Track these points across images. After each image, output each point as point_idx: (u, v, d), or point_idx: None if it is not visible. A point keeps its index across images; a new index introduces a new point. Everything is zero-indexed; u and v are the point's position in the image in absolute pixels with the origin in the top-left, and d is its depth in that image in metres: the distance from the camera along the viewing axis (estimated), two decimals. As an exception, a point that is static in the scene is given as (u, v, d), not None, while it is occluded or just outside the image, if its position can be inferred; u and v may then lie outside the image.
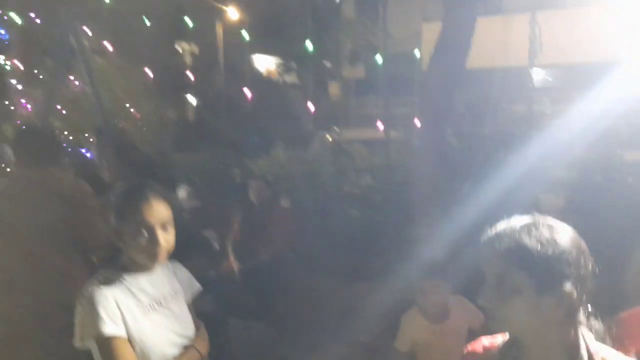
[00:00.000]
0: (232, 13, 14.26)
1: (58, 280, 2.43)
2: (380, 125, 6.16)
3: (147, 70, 7.54)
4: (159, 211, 1.67)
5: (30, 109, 5.99)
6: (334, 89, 15.80)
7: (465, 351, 1.42)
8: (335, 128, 7.38)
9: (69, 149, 5.54)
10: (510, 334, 1.24)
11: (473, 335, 2.63)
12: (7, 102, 6.80)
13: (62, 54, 4.11)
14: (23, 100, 6.29)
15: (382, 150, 5.11)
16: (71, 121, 5.74)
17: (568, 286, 1.12)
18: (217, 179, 5.27)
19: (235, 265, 4.38)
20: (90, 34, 6.27)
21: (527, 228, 1.16)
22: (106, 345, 1.59)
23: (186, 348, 1.75)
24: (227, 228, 4.59)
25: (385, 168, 4.42)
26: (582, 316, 1.18)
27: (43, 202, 2.49)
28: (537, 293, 1.13)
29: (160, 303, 1.72)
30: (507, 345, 1.26)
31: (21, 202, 2.50)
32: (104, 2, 5.45)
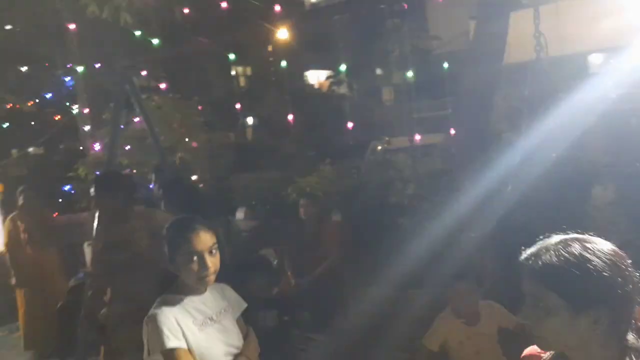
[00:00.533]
0: (282, 33, 14.72)
1: None
2: (430, 130, 6.23)
3: (203, 98, 8.02)
4: (205, 239, 1.94)
5: (100, 150, 6.55)
6: (385, 96, 15.85)
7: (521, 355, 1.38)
8: (386, 137, 7.46)
9: (139, 185, 6.04)
10: (553, 351, 1.23)
11: (507, 334, 2.73)
12: (81, 147, 7.48)
13: (121, 98, 4.49)
14: (94, 143, 6.88)
15: (431, 155, 5.19)
16: (136, 158, 6.22)
17: (603, 306, 1.09)
18: (271, 198, 5.55)
19: (292, 280, 4.60)
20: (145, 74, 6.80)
21: (559, 247, 1.14)
22: (171, 356, 1.87)
23: (236, 356, 2.02)
24: (282, 245, 4.85)
25: (430, 175, 4.50)
26: (630, 336, 1.13)
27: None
28: (571, 313, 1.11)
29: (212, 319, 2.00)
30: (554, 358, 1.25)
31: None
32: (153, 44, 5.90)
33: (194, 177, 6.21)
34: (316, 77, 21.21)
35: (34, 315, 5.45)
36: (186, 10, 6.53)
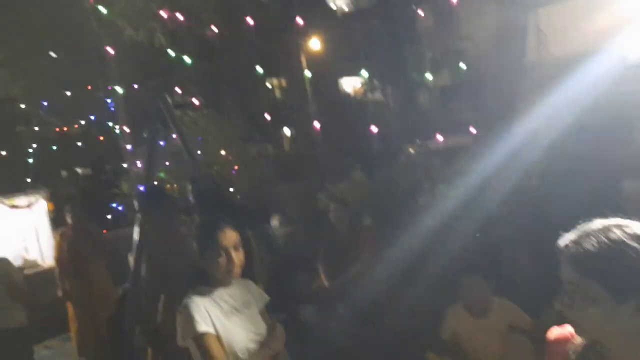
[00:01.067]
0: (315, 43, 14.95)
1: None
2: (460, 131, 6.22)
3: (238, 112, 8.27)
4: (231, 236, 2.21)
5: (142, 167, 6.88)
6: (420, 99, 15.78)
7: (552, 338, 1.34)
8: (418, 141, 7.47)
9: (179, 197, 6.35)
10: (589, 339, 1.21)
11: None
12: (124, 165, 7.86)
13: (156, 116, 4.73)
14: (136, 161, 7.23)
15: (460, 156, 5.21)
16: (175, 173, 6.50)
17: None
18: (304, 206, 5.70)
19: (325, 282, 4.72)
20: (180, 92, 7.08)
21: (600, 233, 1.11)
22: (201, 339, 2.10)
23: (261, 345, 2.22)
24: (315, 250, 4.99)
25: (459, 176, 4.53)
26: None
27: None
28: (612, 302, 1.08)
29: (237, 309, 2.24)
30: (587, 348, 1.22)
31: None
32: (187, 62, 6.18)
33: (231, 189, 6.43)
34: (351, 84, 21.32)
35: (84, 325, 5.78)
36: (216, 30, 6.80)
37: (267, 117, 9.12)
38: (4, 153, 8.70)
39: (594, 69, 3.77)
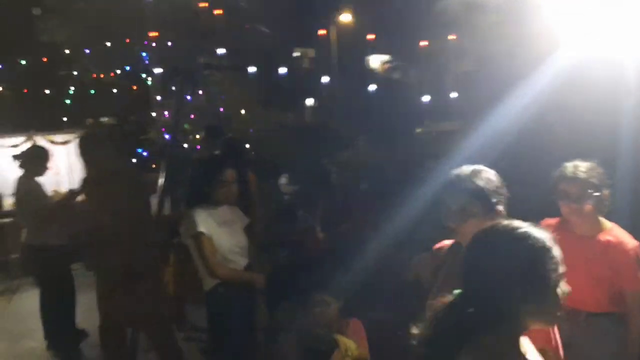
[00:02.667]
0: (346, 17, 15.29)
1: None
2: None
3: (262, 77, 8.82)
4: (232, 174, 3.05)
5: (168, 117, 7.53)
6: (444, 83, 16.09)
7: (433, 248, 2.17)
8: (428, 122, 7.96)
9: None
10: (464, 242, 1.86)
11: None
12: (153, 114, 8.52)
13: (187, 73, 5.32)
14: (164, 111, 7.88)
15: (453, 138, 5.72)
16: (197, 125, 7.14)
17: (501, 207, 1.83)
18: (311, 168, 6.30)
19: (320, 236, 5.34)
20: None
21: (475, 173, 1.86)
22: (198, 237, 2.90)
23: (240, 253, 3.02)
24: (315, 207, 5.61)
25: (444, 154, 5.05)
26: None
27: None
28: (484, 214, 1.80)
29: (226, 223, 3.04)
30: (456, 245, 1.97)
31: None
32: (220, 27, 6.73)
33: (246, 145, 7.02)
34: (377, 61, 21.56)
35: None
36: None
37: (292, 85, 9.66)
38: (47, 92, 9.41)
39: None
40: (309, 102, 16.79)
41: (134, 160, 9.02)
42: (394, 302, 3.93)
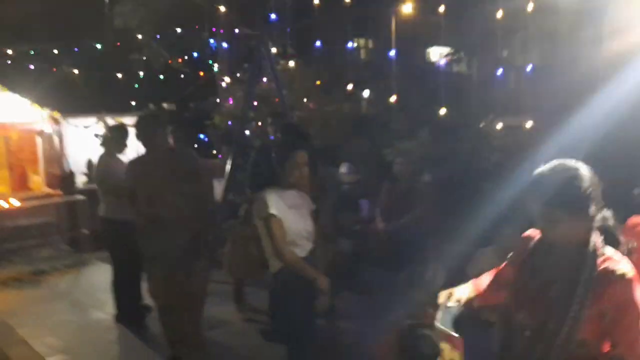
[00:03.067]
0: (406, 7, 15.05)
1: None
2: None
3: (324, 67, 8.83)
4: (303, 157, 3.07)
5: (233, 104, 7.69)
6: (506, 77, 15.59)
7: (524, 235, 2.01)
8: (491, 116, 7.75)
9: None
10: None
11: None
12: (217, 100, 8.71)
13: (256, 61, 5.41)
14: (229, 97, 8.04)
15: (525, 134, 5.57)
16: (261, 113, 7.24)
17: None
18: (371, 158, 6.28)
19: (380, 225, 5.34)
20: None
21: (571, 172, 1.72)
22: (269, 219, 2.93)
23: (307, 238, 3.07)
24: (376, 196, 5.61)
25: (513, 148, 4.93)
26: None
27: None
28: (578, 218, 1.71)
29: (295, 207, 3.06)
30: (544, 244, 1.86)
31: None
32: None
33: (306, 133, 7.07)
34: (438, 53, 21.15)
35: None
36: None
37: (351, 75, 9.58)
38: (119, 76, 9.79)
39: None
40: (368, 92, 16.69)
41: (195, 145, 9.31)
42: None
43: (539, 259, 1.87)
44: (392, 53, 9.18)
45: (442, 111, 6.43)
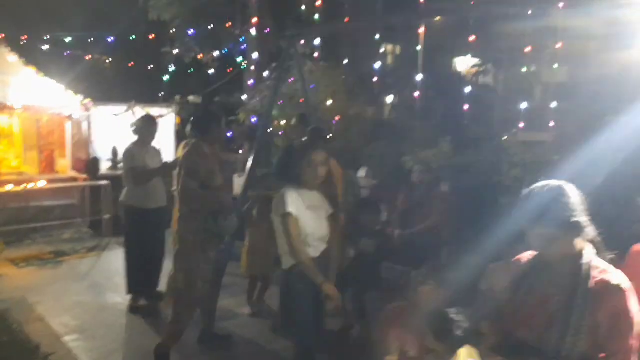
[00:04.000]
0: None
1: None
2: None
3: (350, 70, 8.91)
4: (322, 156, 3.11)
5: (257, 101, 7.81)
6: (534, 92, 15.46)
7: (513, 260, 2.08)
8: (514, 130, 7.74)
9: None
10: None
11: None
12: (243, 97, 8.85)
13: (285, 60, 5.50)
14: (255, 95, 8.16)
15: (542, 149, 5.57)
16: (286, 111, 7.35)
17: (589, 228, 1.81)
18: (390, 164, 6.34)
19: (397, 233, 5.39)
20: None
21: (559, 191, 1.80)
22: (286, 217, 2.99)
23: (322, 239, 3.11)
24: (393, 202, 5.67)
25: (533, 164, 4.94)
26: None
27: None
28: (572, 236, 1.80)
29: (313, 208, 3.11)
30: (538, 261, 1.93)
31: None
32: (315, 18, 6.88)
33: (329, 135, 7.16)
34: (465, 64, 21.04)
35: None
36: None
37: (375, 81, 9.66)
38: (150, 67, 10.00)
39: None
40: (392, 98, 16.70)
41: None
42: (465, 309, 3.92)
43: (534, 276, 1.93)
44: (420, 61, 9.19)
45: (465, 122, 6.46)
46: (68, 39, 9.56)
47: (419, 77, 10.07)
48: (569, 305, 1.76)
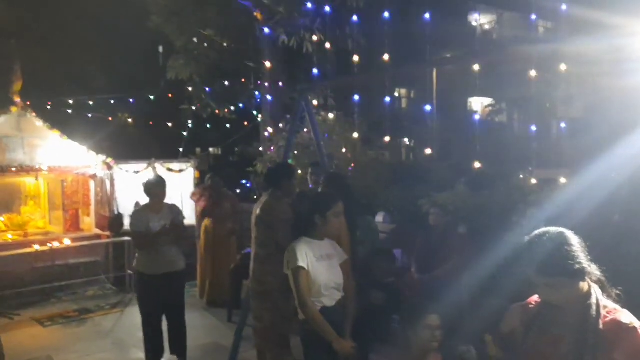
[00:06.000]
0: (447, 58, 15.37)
1: None
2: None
3: (364, 118, 9.11)
4: (340, 207, 3.17)
5: (274, 152, 8.00)
6: (547, 129, 15.49)
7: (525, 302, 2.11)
8: (530, 168, 7.75)
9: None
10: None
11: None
12: (260, 148, 9.07)
13: (297, 112, 5.66)
14: (271, 146, 8.37)
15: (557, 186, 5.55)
16: (301, 160, 7.50)
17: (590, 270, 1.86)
18: (407, 208, 6.36)
19: (416, 278, 5.36)
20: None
21: (560, 240, 1.84)
22: (297, 271, 3.03)
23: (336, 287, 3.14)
24: (411, 246, 5.66)
25: (550, 203, 4.91)
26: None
27: None
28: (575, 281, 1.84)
29: (324, 258, 3.14)
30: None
31: None
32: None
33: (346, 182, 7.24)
34: (480, 103, 21.30)
35: (211, 272, 7.01)
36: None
37: (391, 125, 9.81)
38: (170, 124, 10.36)
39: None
40: (407, 141, 16.91)
41: (237, 191, 9.63)
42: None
43: (544, 317, 1.97)
44: (434, 103, 9.33)
45: (481, 162, 6.49)
46: (91, 102, 10.00)
47: (434, 118, 10.24)
48: (581, 346, 1.79)
